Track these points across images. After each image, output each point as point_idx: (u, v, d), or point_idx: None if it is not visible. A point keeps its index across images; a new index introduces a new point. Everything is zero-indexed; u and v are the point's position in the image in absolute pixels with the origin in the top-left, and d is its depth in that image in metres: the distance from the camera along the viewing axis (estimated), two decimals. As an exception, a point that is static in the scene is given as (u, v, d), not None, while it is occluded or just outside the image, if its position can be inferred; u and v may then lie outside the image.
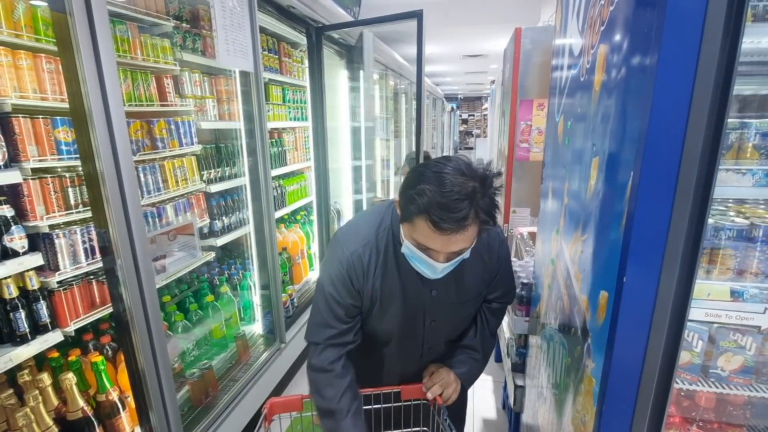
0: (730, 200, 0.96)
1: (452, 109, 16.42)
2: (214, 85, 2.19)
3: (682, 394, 1.02)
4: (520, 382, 1.89)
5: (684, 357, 0.99)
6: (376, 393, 1.11)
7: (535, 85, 3.35)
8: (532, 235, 2.54)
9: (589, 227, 0.95)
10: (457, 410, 1.26)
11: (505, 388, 2.24)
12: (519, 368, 1.96)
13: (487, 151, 9.87)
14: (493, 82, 9.85)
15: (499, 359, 2.80)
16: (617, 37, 0.84)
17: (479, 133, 17.26)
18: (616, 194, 0.79)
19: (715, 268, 0.89)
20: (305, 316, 2.77)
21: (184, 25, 1.98)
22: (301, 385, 2.55)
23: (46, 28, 1.41)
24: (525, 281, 1.87)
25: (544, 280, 1.51)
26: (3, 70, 1.28)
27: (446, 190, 0.78)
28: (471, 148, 19.22)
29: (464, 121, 21.71)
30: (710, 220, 0.89)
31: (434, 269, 0.89)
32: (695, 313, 0.86)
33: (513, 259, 2.50)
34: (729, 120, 0.69)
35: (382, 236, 0.99)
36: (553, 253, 1.34)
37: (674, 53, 0.64)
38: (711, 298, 0.89)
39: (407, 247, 0.90)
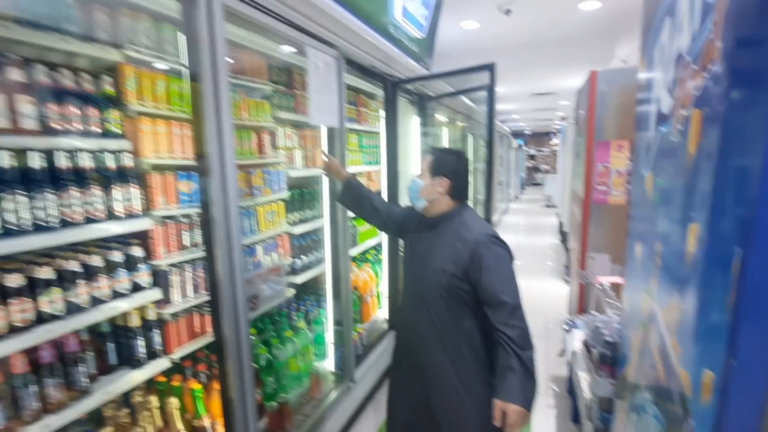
0: None
1: (519, 146, 16.10)
2: (301, 137, 2.43)
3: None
4: (604, 452, 1.73)
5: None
6: None
7: (613, 126, 3.23)
8: (616, 286, 2.38)
9: (688, 296, 0.91)
10: None
11: (586, 454, 2.05)
12: (603, 435, 1.80)
13: (558, 188, 9.45)
14: (563, 118, 9.57)
15: (576, 420, 2.57)
16: (714, 105, 0.83)
17: (548, 169, 16.61)
18: (720, 267, 0.75)
19: None
20: (373, 355, 2.81)
21: (280, 87, 2.26)
22: (369, 427, 2.55)
23: (179, 100, 1.70)
24: (609, 339, 1.75)
25: (632, 342, 1.42)
26: (146, 136, 1.56)
27: None
28: (539, 184, 18.53)
29: (531, 157, 21.10)
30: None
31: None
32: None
33: (593, 312, 2.36)
34: None
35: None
36: (644, 315, 1.27)
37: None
38: None
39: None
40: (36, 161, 1.28)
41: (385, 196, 3.16)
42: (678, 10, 1.12)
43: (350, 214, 2.84)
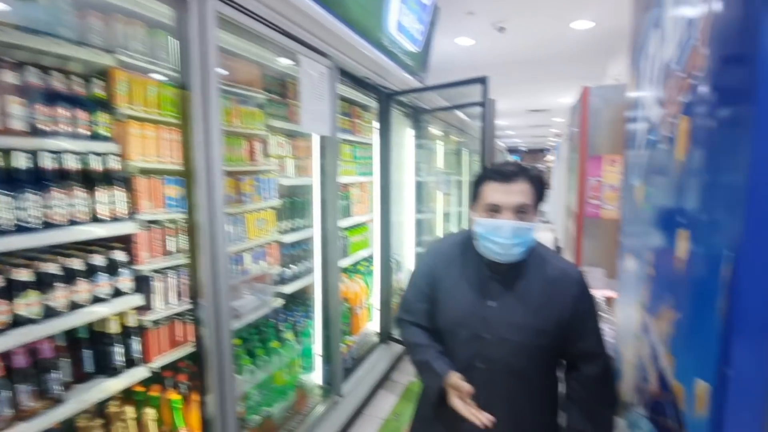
0: None
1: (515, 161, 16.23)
2: (294, 146, 2.42)
3: None
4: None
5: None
6: None
7: (606, 141, 3.26)
8: (611, 301, 2.36)
9: (680, 304, 0.89)
10: None
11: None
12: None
13: (553, 204, 9.49)
14: (558, 135, 9.70)
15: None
16: (702, 110, 0.82)
17: (543, 186, 16.70)
18: (710, 271, 0.73)
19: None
20: (363, 368, 2.74)
21: (274, 96, 2.26)
22: (355, 444, 2.47)
23: (169, 105, 1.69)
24: (602, 353, 1.71)
25: (626, 357, 1.38)
26: (134, 139, 1.55)
27: (499, 164, 1.13)
28: (534, 201, 18.55)
29: (527, 174, 21.24)
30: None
31: (502, 230, 1.04)
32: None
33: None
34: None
35: (458, 246, 1.22)
36: (637, 327, 1.24)
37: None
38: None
39: (479, 224, 1.09)
40: (21, 161, 1.25)
41: (377, 206, 3.15)
42: (664, 20, 1.13)
43: (342, 224, 2.82)
